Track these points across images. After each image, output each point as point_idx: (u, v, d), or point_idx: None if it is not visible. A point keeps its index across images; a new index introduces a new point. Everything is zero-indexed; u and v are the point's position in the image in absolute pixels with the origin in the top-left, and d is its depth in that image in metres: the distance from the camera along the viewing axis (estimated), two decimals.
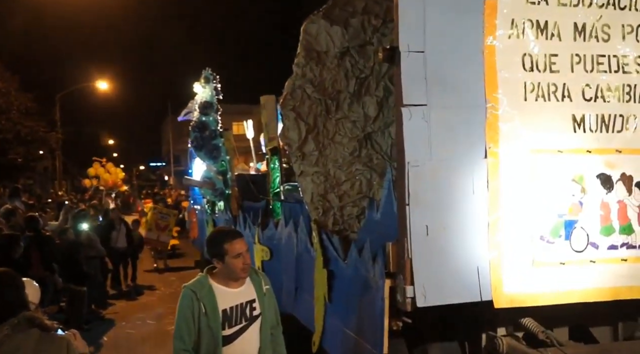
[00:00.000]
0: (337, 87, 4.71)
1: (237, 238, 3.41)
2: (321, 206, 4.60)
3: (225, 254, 3.34)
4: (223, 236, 3.43)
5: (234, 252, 3.34)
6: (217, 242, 3.41)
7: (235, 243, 3.36)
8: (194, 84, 9.88)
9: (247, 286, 3.49)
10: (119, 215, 13.37)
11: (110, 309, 11.45)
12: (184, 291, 3.42)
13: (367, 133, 4.52)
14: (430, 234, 3.38)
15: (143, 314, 10.94)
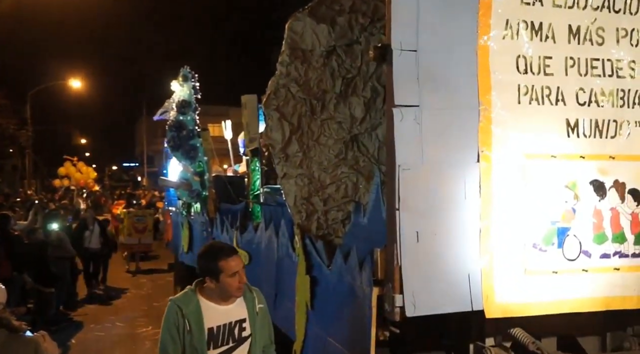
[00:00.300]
0: (322, 87, 4.58)
1: (233, 255, 3.25)
2: (305, 210, 4.47)
3: (220, 272, 3.17)
4: (218, 253, 3.25)
5: (230, 270, 3.17)
6: (211, 259, 3.23)
7: (231, 261, 3.19)
8: (172, 83, 9.68)
9: (239, 304, 3.33)
10: (93, 215, 13.10)
11: (80, 310, 11.36)
12: (170, 305, 3.24)
13: (354, 135, 4.40)
14: (420, 241, 3.26)
15: (113, 316, 10.92)
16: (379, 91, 4.35)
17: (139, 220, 14.89)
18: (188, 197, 9.43)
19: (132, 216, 15.12)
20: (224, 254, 3.22)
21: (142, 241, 14.88)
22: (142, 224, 14.84)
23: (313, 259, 4.31)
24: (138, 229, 14.78)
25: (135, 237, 14.81)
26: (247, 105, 6.48)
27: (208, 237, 8.39)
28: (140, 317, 10.89)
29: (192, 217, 9.83)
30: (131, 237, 14.75)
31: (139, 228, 14.79)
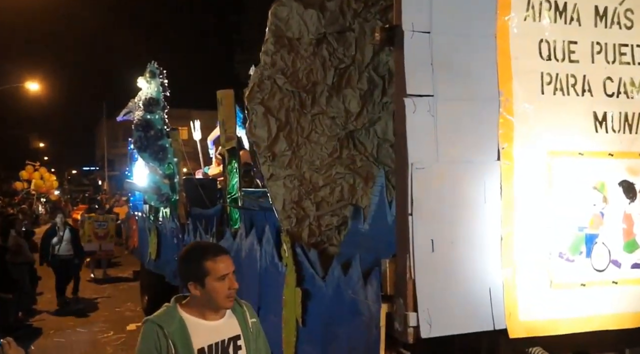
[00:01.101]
0: (312, 79, 4.18)
1: (222, 255, 2.74)
2: (294, 215, 4.05)
3: (205, 275, 2.68)
4: (203, 252, 2.76)
5: (218, 272, 2.68)
6: (195, 259, 2.74)
7: (219, 261, 2.70)
8: (138, 79, 9.15)
9: (229, 318, 2.84)
10: (63, 219, 12.49)
11: (38, 317, 11.22)
12: (147, 326, 2.74)
13: (349, 131, 4.00)
14: (436, 250, 2.88)
15: (73, 322, 10.82)
16: (377, 82, 3.95)
17: (100, 225, 14.32)
18: (157, 201, 8.90)
19: (93, 221, 14.51)
20: (211, 252, 2.74)
21: (103, 248, 14.32)
22: (103, 230, 14.27)
23: (305, 269, 3.89)
24: (99, 235, 14.21)
25: (95, 244, 14.25)
26: (223, 101, 6.02)
27: (179, 243, 7.91)
28: (101, 322, 10.79)
29: (161, 222, 9.32)
30: (91, 243, 14.16)
31: (100, 234, 14.23)
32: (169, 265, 8.58)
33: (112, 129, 50.02)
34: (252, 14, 32.38)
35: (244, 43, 32.97)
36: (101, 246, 14.40)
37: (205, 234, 6.53)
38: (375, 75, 3.97)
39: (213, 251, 2.75)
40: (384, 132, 3.84)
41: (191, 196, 8.77)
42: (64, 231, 12.20)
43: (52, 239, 12.08)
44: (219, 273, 2.68)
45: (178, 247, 8.01)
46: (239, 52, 33.32)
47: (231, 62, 34.14)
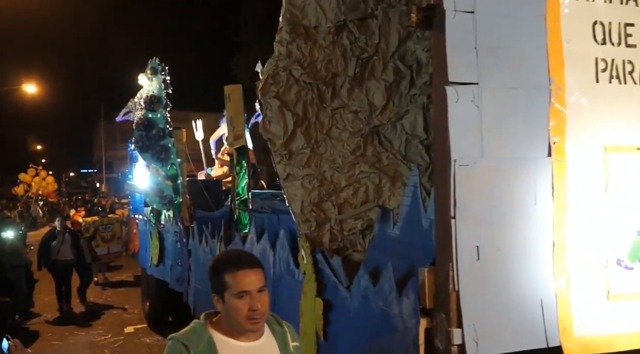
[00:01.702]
0: (332, 70, 3.87)
1: (246, 268, 2.37)
2: (314, 218, 3.74)
3: (224, 289, 2.35)
4: (225, 263, 2.43)
5: (237, 287, 2.32)
6: (217, 270, 2.41)
7: (240, 275, 2.34)
8: (139, 76, 8.82)
9: (267, 339, 2.46)
10: (63, 223, 12.17)
11: (35, 320, 11.24)
12: (171, 344, 2.38)
13: (373, 126, 3.69)
14: (482, 258, 2.58)
15: (70, 325, 10.82)
16: (403, 73, 3.64)
17: (105, 228, 14.04)
18: (159, 204, 8.57)
19: (98, 225, 14.23)
20: (233, 264, 2.39)
21: (111, 250, 14.08)
22: (109, 233, 14.00)
23: (326, 278, 3.59)
24: (105, 238, 13.95)
25: (103, 247, 14.01)
26: (231, 96, 5.71)
27: (183, 248, 7.60)
28: (99, 325, 10.81)
29: (163, 226, 9.00)
30: (100, 248, 13.91)
31: (107, 237, 13.97)
32: (172, 270, 8.27)
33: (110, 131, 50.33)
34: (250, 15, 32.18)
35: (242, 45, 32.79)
36: (109, 249, 14.14)
37: (211, 238, 6.22)
38: (402, 66, 3.66)
39: (236, 263, 2.41)
40: (413, 127, 3.53)
41: (195, 198, 8.46)
42: (64, 235, 11.88)
43: (52, 243, 11.75)
44: (237, 289, 2.34)
45: (182, 252, 7.71)
46: (237, 54, 33.17)
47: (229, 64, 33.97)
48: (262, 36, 31.08)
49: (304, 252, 3.77)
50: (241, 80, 31.70)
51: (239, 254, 2.65)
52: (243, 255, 2.61)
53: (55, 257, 11.66)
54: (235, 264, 2.39)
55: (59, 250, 11.70)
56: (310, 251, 3.63)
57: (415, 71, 3.60)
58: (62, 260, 11.71)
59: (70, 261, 11.88)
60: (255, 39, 31.57)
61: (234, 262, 2.42)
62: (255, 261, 2.50)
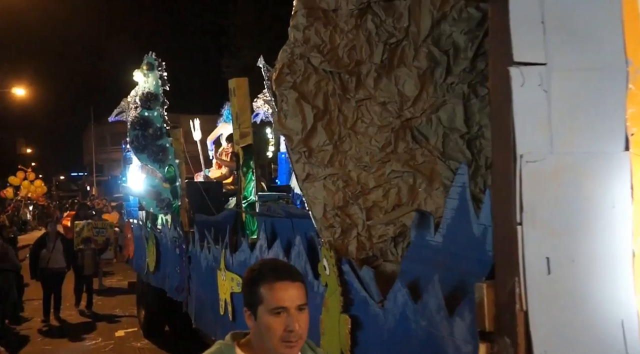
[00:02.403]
0: (356, 57, 3.48)
1: (285, 280, 2.00)
2: (339, 224, 3.34)
3: (259, 303, 1.98)
4: (261, 272, 2.05)
5: (273, 302, 1.96)
6: (252, 280, 2.05)
7: (278, 287, 1.97)
8: (134, 72, 8.40)
9: None
10: (55, 229, 11.70)
11: (25, 324, 11.26)
12: None
13: (405, 120, 3.29)
14: (553, 271, 2.18)
15: (60, 329, 10.87)
16: (438, 59, 3.25)
17: (99, 233, 13.58)
18: (156, 207, 8.15)
19: (91, 228, 13.78)
20: (271, 274, 2.02)
21: (102, 256, 13.65)
22: (102, 237, 13.55)
23: (354, 292, 3.19)
24: (99, 243, 13.50)
25: None
26: (236, 90, 5.30)
27: (182, 254, 7.18)
28: (89, 329, 10.87)
29: (160, 231, 8.57)
30: None
31: (99, 242, 13.52)
32: (170, 278, 7.85)
33: (100, 134, 50.46)
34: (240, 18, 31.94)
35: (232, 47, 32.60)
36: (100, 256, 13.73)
37: (215, 244, 5.81)
38: (436, 51, 3.26)
39: (274, 273, 2.02)
40: (451, 119, 3.14)
41: (193, 202, 8.06)
42: (55, 241, 11.42)
43: (42, 251, 11.27)
44: (274, 304, 1.96)
45: (181, 258, 7.29)
46: (227, 56, 32.97)
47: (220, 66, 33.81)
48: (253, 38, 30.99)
49: (326, 263, 3.37)
50: None
51: (278, 264, 2.24)
52: (283, 265, 2.22)
53: (45, 265, 11.20)
54: (274, 275, 2.00)
55: (49, 258, 11.24)
56: (335, 261, 3.22)
57: (452, 57, 3.21)
58: (54, 268, 11.26)
59: (62, 269, 11.43)
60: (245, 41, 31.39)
61: (272, 271, 2.03)
62: (297, 273, 2.11)
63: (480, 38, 3.08)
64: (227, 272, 5.17)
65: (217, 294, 5.53)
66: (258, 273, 2.07)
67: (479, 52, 3.08)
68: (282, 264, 2.29)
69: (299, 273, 2.14)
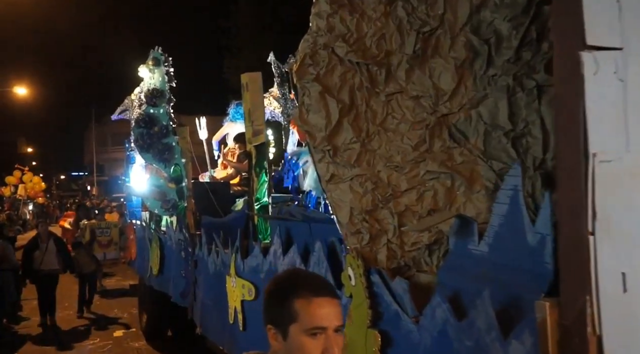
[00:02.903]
0: (385, 47, 3.19)
1: (324, 296, 1.74)
2: (367, 229, 3.05)
3: (290, 320, 1.72)
4: (295, 284, 1.79)
5: (311, 321, 1.70)
6: (281, 294, 1.78)
7: (316, 304, 1.71)
8: (139, 68, 8.12)
9: None
10: (47, 230, 11.38)
11: (23, 324, 11.23)
12: None
13: (441, 116, 2.99)
14: (630, 289, 1.89)
15: (59, 330, 10.77)
16: (478, 48, 2.95)
17: (102, 233, 13.36)
18: (161, 209, 7.86)
19: (95, 227, 13.56)
20: (306, 287, 1.75)
21: (107, 257, 13.42)
22: (107, 238, 13.33)
23: (384, 305, 2.90)
24: (102, 243, 13.28)
25: (99, 253, 13.33)
26: (249, 86, 5.01)
27: (188, 258, 6.90)
28: (87, 330, 10.86)
29: (164, 233, 8.29)
30: (95, 252, 13.24)
31: (103, 242, 13.30)
32: (174, 282, 7.56)
33: (101, 134, 50.61)
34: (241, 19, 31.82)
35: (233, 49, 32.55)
36: (105, 255, 13.48)
37: (224, 248, 5.52)
38: (476, 40, 2.96)
39: (311, 286, 1.75)
40: (493, 115, 2.84)
41: (199, 203, 7.78)
42: (48, 242, 11.08)
43: (34, 252, 10.94)
44: (312, 323, 1.69)
45: (186, 262, 7.01)
46: (228, 57, 32.95)
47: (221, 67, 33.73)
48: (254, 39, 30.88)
49: (352, 272, 3.08)
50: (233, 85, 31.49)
51: (312, 276, 1.96)
52: (318, 277, 1.94)
53: (38, 267, 10.86)
54: (311, 289, 1.73)
55: (41, 260, 10.90)
56: (362, 270, 2.93)
57: (494, 46, 2.91)
58: (46, 270, 10.91)
59: (56, 271, 11.12)
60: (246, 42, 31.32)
61: (307, 285, 1.75)
62: (334, 288, 1.83)
63: (526, 25, 2.78)
64: (237, 278, 4.88)
65: (226, 302, 5.24)
66: (290, 285, 1.79)
67: (525, 40, 2.77)
68: (316, 276, 2.01)
69: (335, 288, 1.87)
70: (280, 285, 1.84)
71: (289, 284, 1.80)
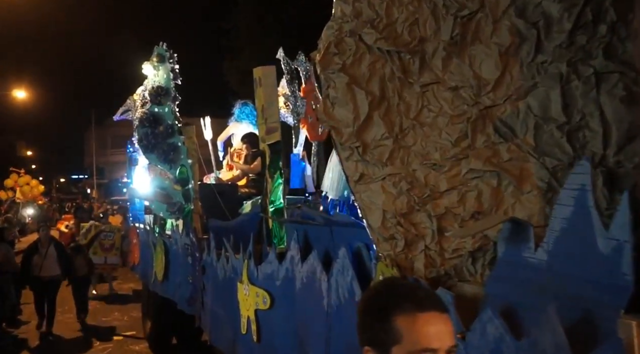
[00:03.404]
0: (419, 33, 2.92)
1: (430, 310, 1.48)
2: (402, 234, 2.77)
3: (394, 340, 1.46)
4: (396, 297, 1.52)
5: (419, 342, 1.44)
6: (380, 308, 1.52)
7: (423, 320, 1.46)
8: (143, 65, 7.83)
9: None
10: (48, 233, 11.04)
11: (24, 327, 11.05)
12: None
13: (484, 108, 2.71)
14: None
15: (58, 332, 10.54)
16: (524, 33, 2.67)
17: (106, 236, 13.16)
18: (166, 212, 7.57)
19: (99, 230, 13.35)
20: (411, 301, 1.49)
21: (108, 261, 13.18)
22: (110, 241, 13.12)
23: None
24: (105, 246, 13.06)
25: (101, 256, 13.12)
26: (262, 80, 4.72)
27: (195, 263, 6.62)
28: (87, 333, 10.73)
29: (169, 236, 8.01)
30: (96, 256, 13.01)
31: (106, 246, 13.09)
32: (180, 289, 7.29)
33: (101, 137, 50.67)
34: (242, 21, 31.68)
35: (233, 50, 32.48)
36: (106, 259, 13.24)
37: (234, 253, 5.24)
38: (522, 23, 2.68)
39: (415, 301, 1.48)
40: (544, 107, 2.55)
41: (205, 205, 7.51)
42: (48, 247, 10.61)
43: (33, 258, 10.47)
44: (419, 344, 1.44)
45: (193, 267, 6.73)
46: (228, 59, 32.93)
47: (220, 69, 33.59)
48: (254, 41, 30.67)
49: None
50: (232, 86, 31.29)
51: (416, 286, 1.68)
52: (422, 288, 1.66)
53: (37, 273, 10.37)
54: (415, 302, 1.47)
55: (41, 265, 10.42)
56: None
57: (543, 30, 2.62)
58: (46, 276, 10.46)
59: (56, 277, 10.67)
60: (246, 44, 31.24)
61: (410, 298, 1.49)
62: (442, 300, 1.56)
63: (580, 6, 2.50)
64: (251, 286, 4.60)
65: (238, 310, 4.96)
66: (389, 299, 1.53)
67: (579, 23, 2.49)
68: (418, 286, 1.72)
69: (444, 301, 1.59)
70: (377, 298, 1.57)
71: (387, 297, 1.53)
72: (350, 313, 3.31)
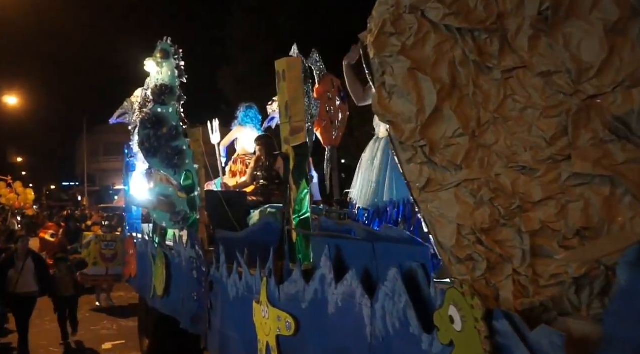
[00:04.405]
0: (498, 9, 2.43)
1: None
2: (483, 255, 2.26)
3: None
4: None
5: None
6: None
7: None
8: (146, 61, 7.31)
9: None
10: (26, 246, 10.30)
11: (11, 337, 10.75)
12: None
13: (588, 98, 2.21)
14: None
15: (45, 341, 10.53)
16: (636, 5, 2.19)
17: (107, 246, 12.72)
18: (169, 221, 7.03)
19: (100, 240, 12.88)
20: None
21: (110, 272, 12.70)
22: (111, 251, 12.67)
23: None
24: (106, 256, 12.61)
25: (102, 267, 12.68)
26: (285, 74, 4.20)
27: (201, 278, 6.10)
28: (74, 341, 10.73)
29: (171, 248, 7.47)
30: (97, 266, 12.53)
31: (107, 256, 12.64)
32: (184, 305, 6.76)
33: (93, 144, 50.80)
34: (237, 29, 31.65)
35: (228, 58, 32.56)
36: (108, 270, 12.76)
37: (249, 270, 4.72)
38: None
39: None
40: None
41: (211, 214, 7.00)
42: (25, 260, 9.87)
43: (9, 271, 9.71)
44: None
45: (199, 283, 6.21)
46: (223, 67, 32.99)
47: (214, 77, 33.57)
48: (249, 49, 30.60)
49: (457, 312, 2.29)
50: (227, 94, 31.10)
51: None
52: None
53: (13, 289, 9.66)
54: None
55: (17, 280, 9.70)
56: (483, 313, 2.14)
57: None
58: (23, 293, 9.75)
59: (33, 293, 9.94)
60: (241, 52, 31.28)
61: None
62: None
63: None
64: (271, 308, 4.07)
65: (254, 334, 4.44)
66: None
67: None
68: None
69: None
70: None
71: None
72: (401, 346, 2.81)
